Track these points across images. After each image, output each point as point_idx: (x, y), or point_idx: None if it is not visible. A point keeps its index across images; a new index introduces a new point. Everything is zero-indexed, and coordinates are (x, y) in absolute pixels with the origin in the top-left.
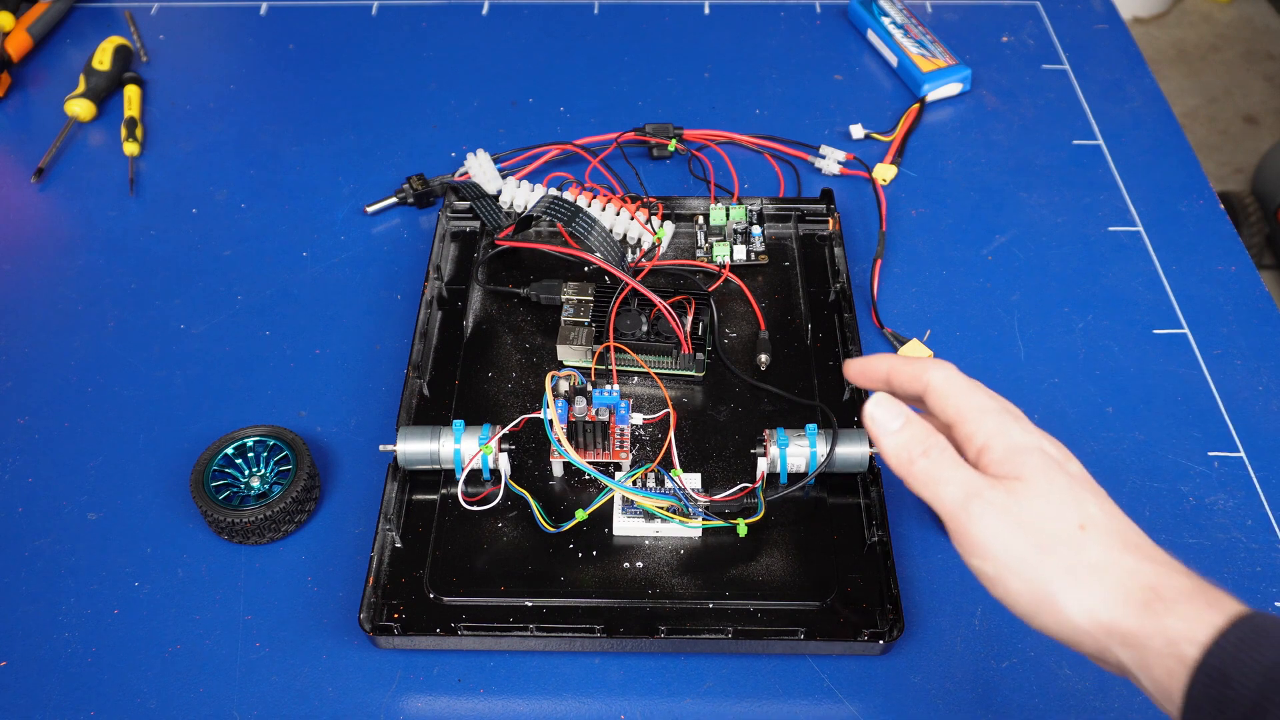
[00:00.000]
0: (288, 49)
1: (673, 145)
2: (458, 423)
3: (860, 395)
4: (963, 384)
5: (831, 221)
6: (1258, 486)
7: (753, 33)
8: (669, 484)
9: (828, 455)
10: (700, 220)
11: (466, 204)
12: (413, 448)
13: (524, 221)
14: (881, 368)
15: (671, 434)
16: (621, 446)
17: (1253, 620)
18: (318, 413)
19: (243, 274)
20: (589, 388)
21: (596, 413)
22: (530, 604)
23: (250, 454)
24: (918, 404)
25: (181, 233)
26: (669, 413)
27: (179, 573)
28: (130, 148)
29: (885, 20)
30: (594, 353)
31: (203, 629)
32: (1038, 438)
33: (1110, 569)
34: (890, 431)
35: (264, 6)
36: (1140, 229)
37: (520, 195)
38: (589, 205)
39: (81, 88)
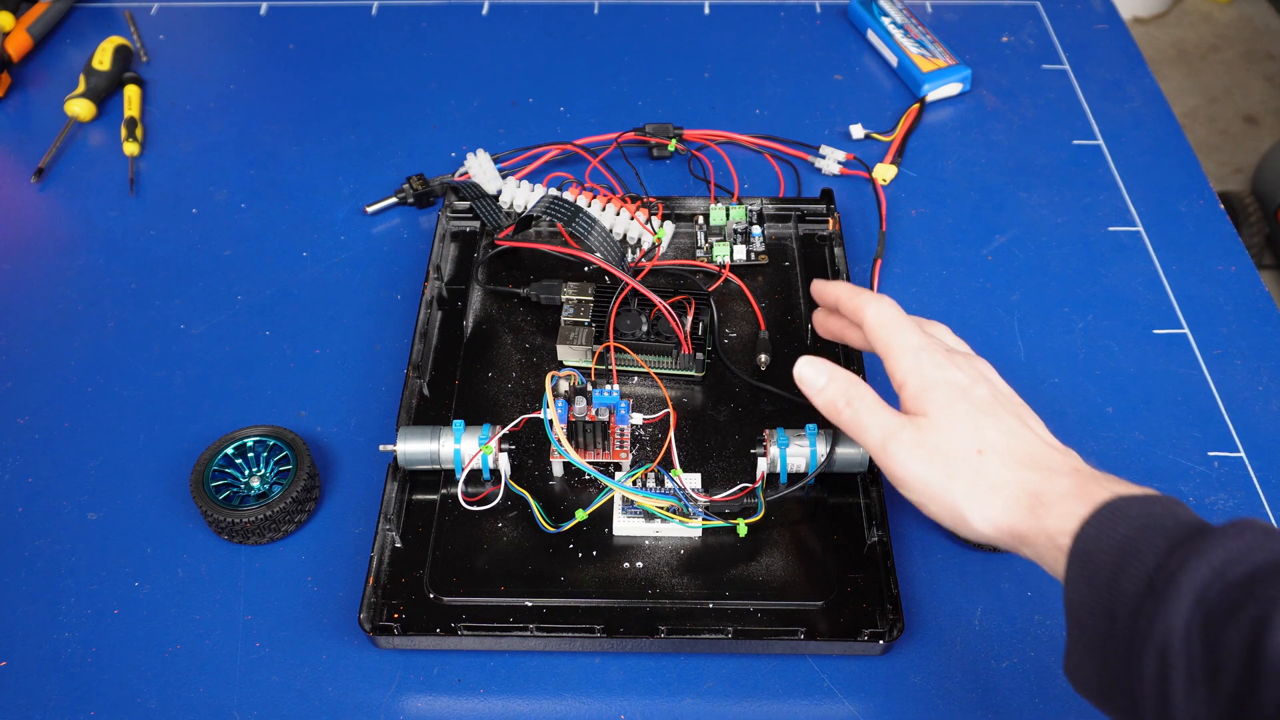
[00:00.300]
0: (288, 49)
1: (673, 145)
2: (458, 423)
3: None
4: (892, 321)
5: (831, 221)
6: (1258, 486)
7: (753, 33)
8: (669, 484)
9: (828, 455)
10: (700, 220)
11: (466, 204)
12: (413, 448)
13: (524, 221)
14: (832, 294)
15: (671, 434)
16: (621, 446)
17: (1112, 505)
18: (318, 413)
19: (243, 274)
20: (589, 388)
21: (596, 413)
22: (530, 604)
23: (250, 454)
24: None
25: (181, 233)
26: (669, 413)
27: (179, 573)
28: (130, 148)
29: (885, 20)
30: (594, 353)
31: (203, 629)
32: (948, 370)
33: (1003, 485)
34: (818, 389)
35: (264, 6)
36: (1140, 229)
37: (520, 195)
38: (589, 205)
39: (81, 88)
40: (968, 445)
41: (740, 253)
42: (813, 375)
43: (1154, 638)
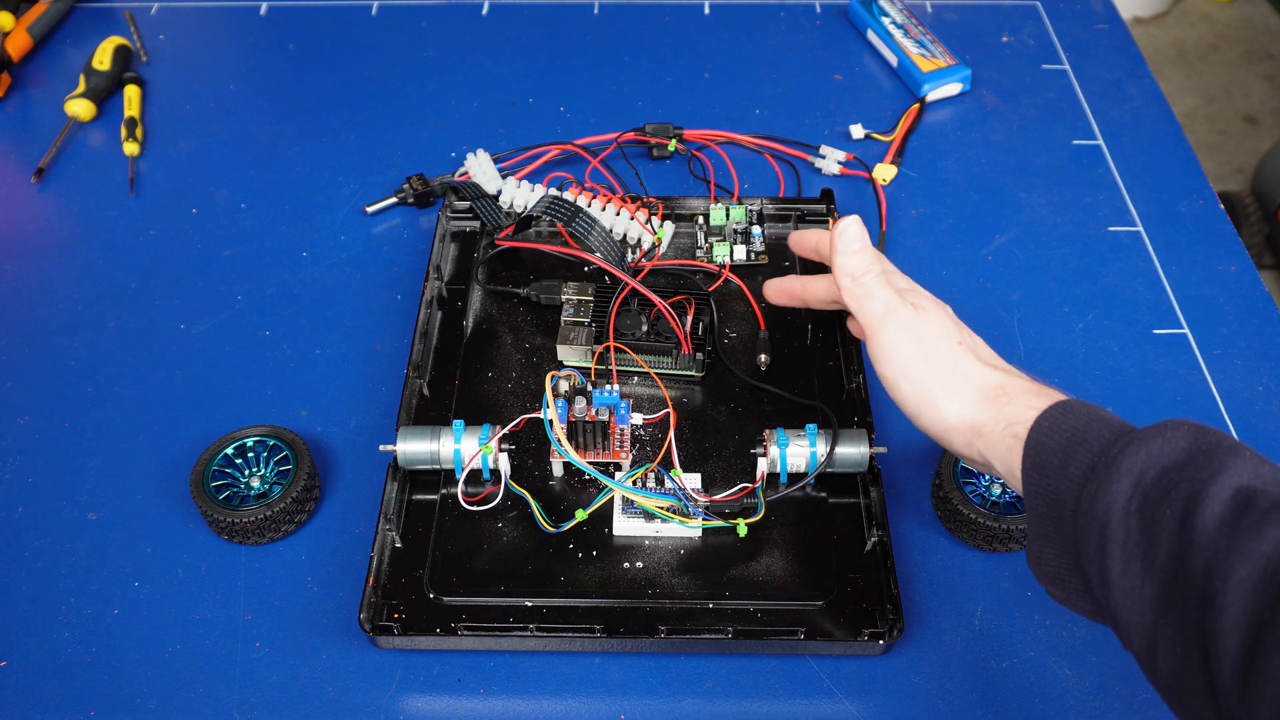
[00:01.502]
0: (288, 49)
1: (673, 145)
2: (458, 423)
3: (860, 395)
4: (863, 271)
5: (831, 221)
6: None
7: (753, 33)
8: (669, 484)
9: (828, 455)
10: (700, 220)
11: (466, 204)
12: (413, 448)
13: (524, 221)
14: (810, 240)
15: (671, 434)
16: (621, 446)
17: (1064, 403)
18: (318, 413)
19: (243, 274)
20: (589, 388)
21: (596, 413)
22: (530, 604)
23: (250, 454)
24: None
25: (181, 233)
26: (669, 413)
27: (179, 573)
28: (130, 148)
29: (885, 20)
30: (594, 353)
31: (203, 629)
32: (919, 288)
33: (974, 375)
34: (853, 251)
35: (264, 6)
36: (1140, 229)
37: (520, 195)
38: (589, 205)
39: (81, 88)
40: (950, 337)
41: (740, 253)
42: (858, 233)
43: (1096, 516)
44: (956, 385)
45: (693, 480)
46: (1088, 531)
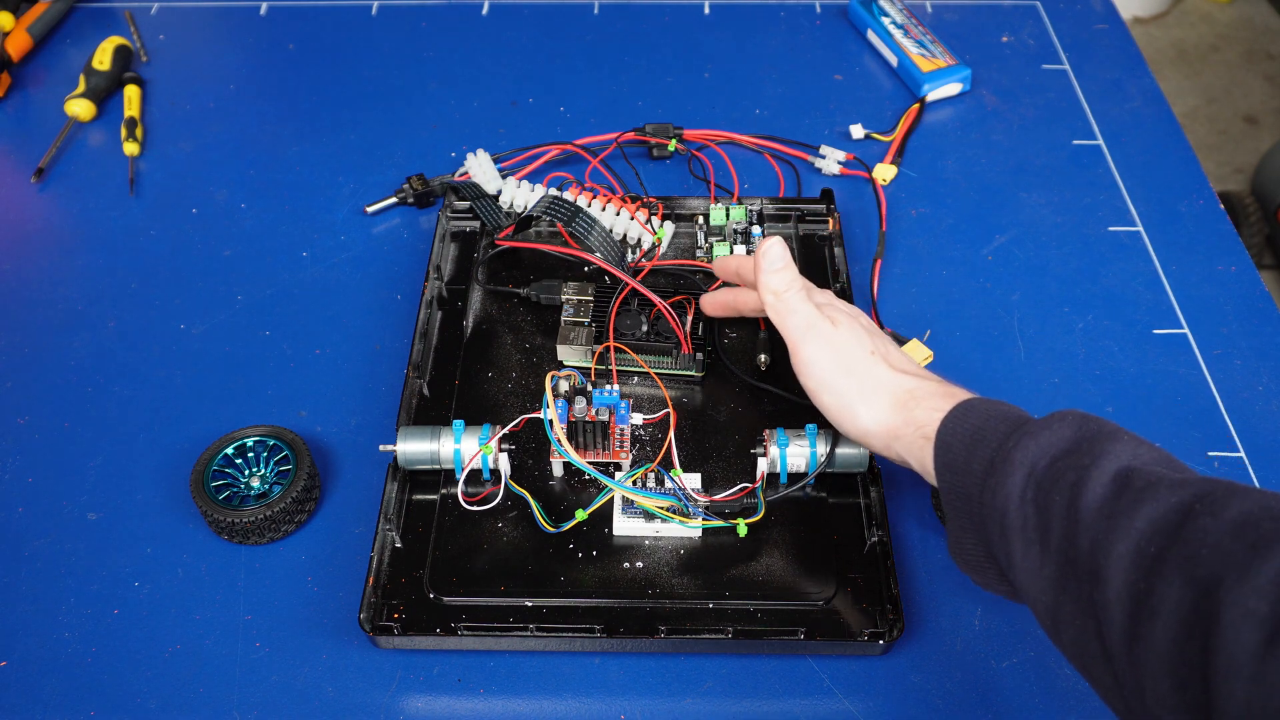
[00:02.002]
0: (288, 49)
1: (673, 145)
2: (458, 423)
3: None
4: (788, 294)
5: (831, 221)
6: (1257, 486)
7: (753, 33)
8: (669, 484)
9: (828, 455)
10: (700, 220)
11: (466, 204)
12: (413, 448)
13: (524, 221)
14: (732, 265)
15: (671, 434)
16: (621, 446)
17: (967, 403)
18: (318, 413)
19: (243, 274)
20: (589, 388)
21: (596, 413)
22: (530, 604)
23: (250, 454)
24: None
25: (181, 233)
26: (669, 413)
27: (179, 573)
28: (130, 148)
29: (885, 20)
30: (594, 353)
31: (203, 629)
32: (835, 299)
33: (885, 382)
34: (776, 270)
35: (264, 6)
36: (1140, 229)
37: (520, 195)
38: (589, 205)
39: (81, 88)
40: (864, 348)
41: (740, 253)
42: (781, 253)
43: (997, 507)
44: (870, 393)
45: (693, 480)
46: (991, 522)
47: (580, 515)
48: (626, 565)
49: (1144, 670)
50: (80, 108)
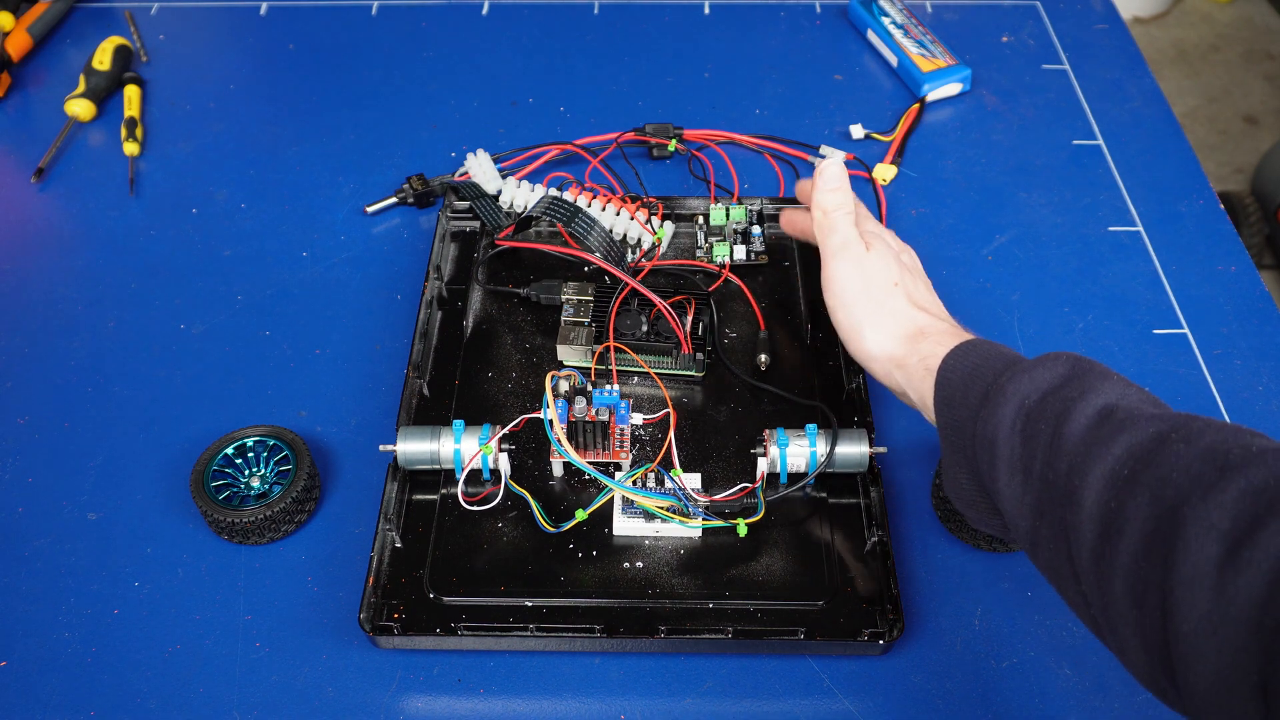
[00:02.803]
0: (288, 49)
1: (673, 145)
2: (458, 423)
3: (860, 395)
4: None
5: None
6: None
7: (753, 33)
8: (669, 484)
9: (828, 455)
10: (700, 220)
11: (466, 204)
12: (413, 448)
13: (524, 221)
14: (806, 189)
15: (671, 434)
16: (621, 446)
17: (969, 342)
18: (318, 413)
19: (243, 274)
20: (589, 388)
21: (596, 413)
22: (530, 604)
23: (250, 454)
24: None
25: (181, 233)
26: (669, 413)
27: (179, 573)
28: (130, 148)
29: (885, 20)
30: (594, 353)
31: (203, 629)
32: (886, 238)
33: (900, 314)
34: (830, 189)
35: (264, 6)
36: (1140, 229)
37: (520, 195)
38: (589, 205)
39: (81, 88)
40: (889, 278)
41: (740, 253)
42: (837, 174)
43: (987, 437)
44: (882, 320)
45: (693, 480)
46: (982, 452)
47: (580, 515)
48: (626, 565)
49: (1108, 586)
50: (80, 108)
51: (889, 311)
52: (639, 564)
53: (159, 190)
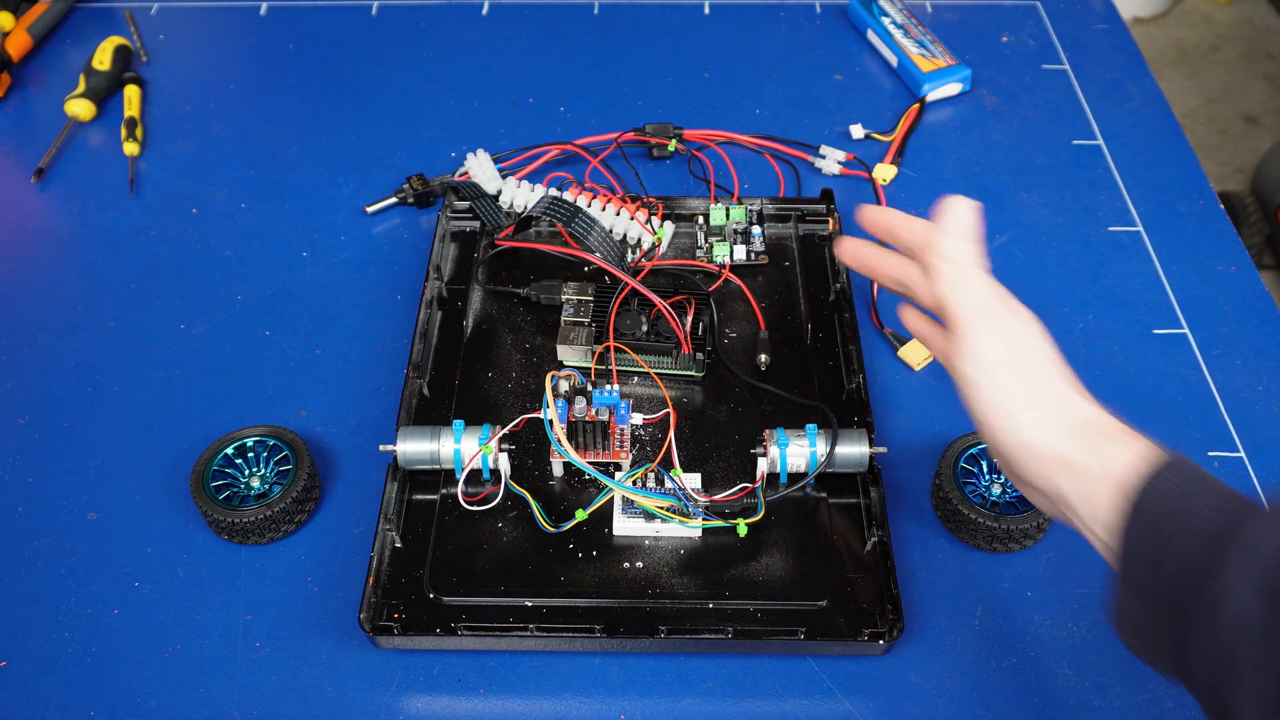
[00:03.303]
0: (288, 49)
1: (673, 145)
2: (458, 423)
3: (860, 395)
4: (972, 290)
5: (831, 221)
6: (1257, 487)
7: (753, 33)
8: (669, 484)
9: (828, 455)
10: (700, 220)
11: (466, 204)
12: (413, 448)
13: (524, 221)
14: (885, 222)
15: (671, 434)
16: (621, 446)
17: (1176, 461)
18: (318, 413)
19: (243, 274)
20: (589, 388)
21: (596, 413)
22: (530, 604)
23: (250, 454)
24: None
25: (181, 233)
26: (669, 413)
27: (179, 573)
28: (130, 148)
29: (885, 20)
30: (594, 353)
31: (203, 629)
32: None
33: (1066, 401)
34: (962, 235)
35: (264, 6)
36: (1140, 229)
37: (520, 195)
38: (589, 205)
39: (81, 88)
40: (1044, 352)
41: (740, 253)
42: (969, 218)
43: (1215, 599)
44: (1046, 406)
45: (693, 480)
46: (1201, 613)
47: (580, 515)
48: (626, 565)
49: None
50: (80, 108)
51: (1054, 396)
52: (639, 564)
53: (159, 190)
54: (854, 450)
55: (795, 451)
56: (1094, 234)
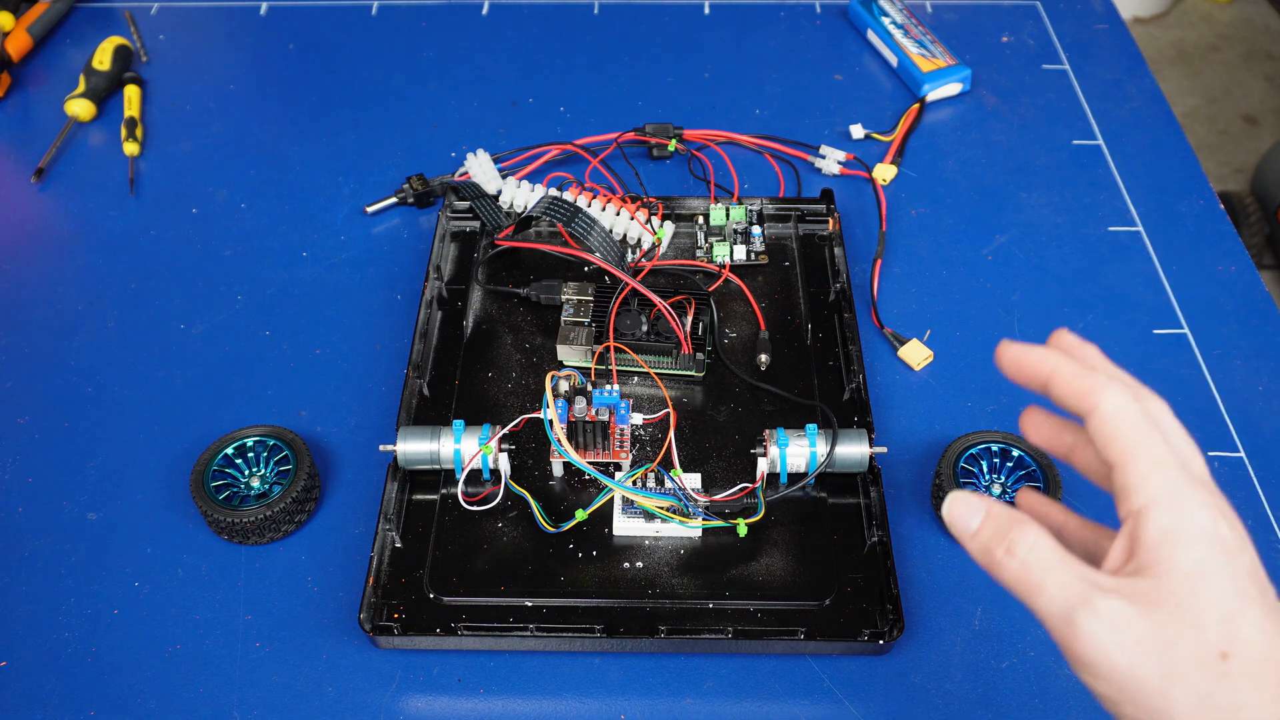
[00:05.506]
0: (288, 49)
1: (673, 145)
2: (458, 423)
3: (860, 395)
4: (1138, 422)
5: (831, 221)
6: (1257, 486)
7: (753, 33)
8: (669, 484)
9: (828, 455)
10: (700, 220)
11: (466, 204)
12: (413, 448)
13: (524, 221)
14: (1043, 369)
15: (671, 434)
16: (621, 446)
17: None
18: (318, 413)
19: (243, 274)
20: (589, 388)
21: (596, 413)
22: (530, 604)
23: (250, 454)
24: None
25: (181, 233)
26: (669, 413)
27: (179, 573)
28: (130, 148)
29: (885, 20)
30: (594, 353)
31: (203, 629)
32: (1213, 515)
33: (1246, 712)
34: (970, 534)
35: (264, 6)
36: (1140, 229)
37: (520, 195)
38: (589, 205)
39: (81, 88)
40: (1210, 641)
41: (740, 253)
42: (964, 518)
43: None
44: None
45: (693, 480)
46: None
47: (580, 515)
48: (626, 565)
49: None
50: (80, 108)
51: (1226, 708)
52: (639, 564)
53: (159, 190)
54: (854, 450)
55: (795, 451)
56: (1094, 234)
